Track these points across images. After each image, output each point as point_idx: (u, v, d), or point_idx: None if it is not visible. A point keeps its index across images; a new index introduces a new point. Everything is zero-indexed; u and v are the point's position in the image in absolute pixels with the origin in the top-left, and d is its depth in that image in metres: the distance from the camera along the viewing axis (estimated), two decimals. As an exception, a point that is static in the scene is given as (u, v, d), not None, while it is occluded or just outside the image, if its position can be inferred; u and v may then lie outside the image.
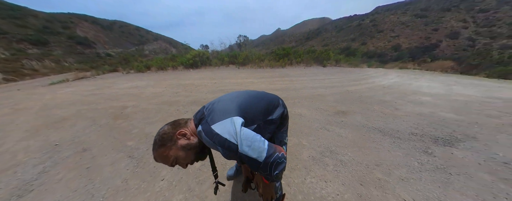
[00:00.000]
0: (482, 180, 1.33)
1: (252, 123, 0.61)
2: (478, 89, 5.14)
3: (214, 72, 7.58)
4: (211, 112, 0.60)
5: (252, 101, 0.66)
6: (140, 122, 2.53)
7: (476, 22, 54.80)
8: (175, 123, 0.64)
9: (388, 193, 1.19)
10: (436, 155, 1.69)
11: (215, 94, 3.87)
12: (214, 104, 0.64)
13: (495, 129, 2.35)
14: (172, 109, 3.03)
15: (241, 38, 25.30)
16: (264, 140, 0.50)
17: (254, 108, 0.64)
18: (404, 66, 15.58)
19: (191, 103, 3.26)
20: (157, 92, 4.26)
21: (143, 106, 3.21)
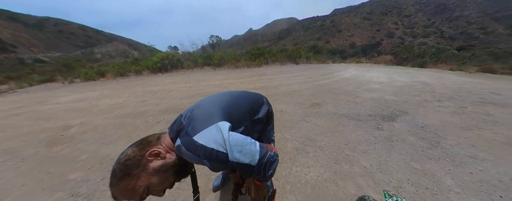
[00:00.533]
0: (410, 142, 1.86)
1: (239, 125, 0.55)
2: (407, 76, 6.85)
3: (188, 75, 7.00)
4: (191, 121, 0.50)
5: (236, 102, 0.61)
6: (91, 144, 1.93)
7: (404, 25, 70.48)
8: (143, 142, 0.49)
9: (354, 165, 1.45)
10: (384, 129, 2.14)
11: (192, 99, 3.54)
12: (194, 111, 0.54)
13: (417, 104, 3.22)
14: (138, 121, 2.53)
15: (213, 39, 24.33)
16: (254, 142, 0.47)
17: (240, 109, 0.59)
18: (359, 60, 18.54)
19: (163, 112, 2.85)
20: (117, 103, 3.51)
21: (96, 123, 2.52)
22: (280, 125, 2.25)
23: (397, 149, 1.70)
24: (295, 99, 3.47)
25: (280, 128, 2.17)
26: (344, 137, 1.93)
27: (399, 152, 1.65)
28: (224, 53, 11.25)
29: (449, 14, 74.62)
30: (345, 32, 75.98)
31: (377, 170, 1.39)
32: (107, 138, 2.07)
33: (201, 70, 8.68)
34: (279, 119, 2.45)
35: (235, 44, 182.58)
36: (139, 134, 2.09)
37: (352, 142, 1.82)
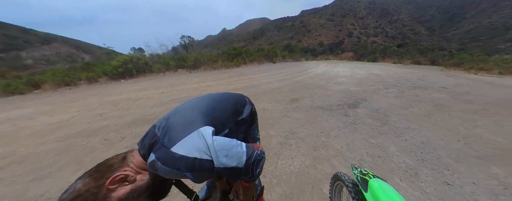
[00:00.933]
0: (369, 123, 2.31)
1: (224, 128, 0.53)
2: (364, 70, 8.15)
3: (159, 80, 6.31)
4: (167, 131, 0.43)
5: (218, 104, 0.58)
6: (13, 183, 1.37)
7: (359, 26, 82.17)
8: (100, 168, 0.38)
9: (329, 149, 1.71)
10: (350, 115, 2.56)
11: (166, 106, 3.16)
12: (170, 119, 0.47)
13: (372, 92, 3.96)
14: (95, 140, 2.00)
15: (185, 39, 22.77)
16: (240, 143, 0.44)
17: (223, 111, 0.56)
18: (327, 57, 20.75)
19: (129, 125, 2.40)
20: (61, 121, 2.70)
21: (25, 152, 1.84)
22: (264, 122, 2.35)
23: (359, 130, 2.08)
24: (275, 96, 3.66)
25: (264, 125, 2.27)
26: (320, 126, 2.21)
27: (361, 132, 2.04)
28: (199, 54, 10.63)
29: (390, 17, 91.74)
30: (313, 32, 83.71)
31: (346, 150, 1.68)
32: (44, 170, 1.52)
33: (175, 73, 8.01)
34: (262, 117, 2.55)
35: (209, 44, 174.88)
36: (96, 157, 1.67)
37: (326, 130, 2.11)
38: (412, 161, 1.51)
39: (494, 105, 3.09)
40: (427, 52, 16.21)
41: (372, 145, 1.76)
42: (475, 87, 4.61)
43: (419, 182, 1.28)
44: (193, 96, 3.80)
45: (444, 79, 5.77)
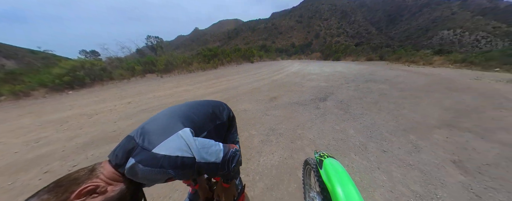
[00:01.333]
0: (335, 113, 2.72)
1: (202, 131, 0.55)
2: (330, 68, 9.25)
3: (122, 88, 5.43)
4: (145, 136, 0.44)
5: (195, 110, 0.60)
6: None
7: (324, 27, 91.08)
8: (60, 183, 0.34)
9: (304, 139, 1.95)
10: (321, 108, 2.95)
11: (134, 119, 2.71)
12: (146, 127, 0.48)
13: (337, 87, 4.60)
14: (28, 176, 1.50)
15: (152, 40, 20.69)
16: (218, 143, 0.49)
17: (200, 115, 0.59)
18: (300, 57, 22.44)
19: (83, 148, 1.93)
20: None
21: None
22: (246, 123, 2.41)
23: (328, 120, 2.44)
24: (255, 96, 3.78)
25: (246, 126, 2.32)
26: (297, 121, 2.46)
27: (329, 121, 2.40)
28: (170, 56, 9.73)
29: (349, 18, 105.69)
30: (285, 33, 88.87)
31: (317, 138, 1.95)
32: None
33: (143, 79, 7.11)
34: (244, 118, 2.60)
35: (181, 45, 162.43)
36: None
37: (301, 123, 2.37)
38: (363, 139, 1.91)
39: (416, 90, 4.11)
40: (377, 49, 19.61)
41: (336, 130, 2.12)
42: (407, 77, 5.95)
43: (367, 153, 1.65)
44: (168, 104, 3.47)
45: (388, 72, 7.18)
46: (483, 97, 3.63)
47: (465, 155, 1.66)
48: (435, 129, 2.19)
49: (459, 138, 1.98)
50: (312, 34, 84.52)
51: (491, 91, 4.11)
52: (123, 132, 2.26)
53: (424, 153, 1.67)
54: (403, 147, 1.76)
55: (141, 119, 2.72)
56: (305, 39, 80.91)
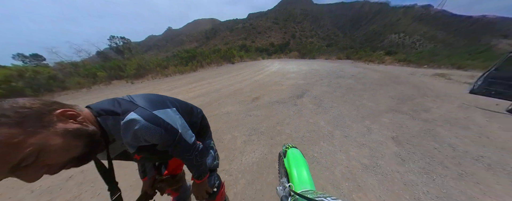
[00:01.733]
0: (310, 108, 3.04)
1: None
2: (307, 66, 10.02)
3: (82, 99, 4.47)
4: (143, 100, 0.50)
5: (179, 101, 0.68)
6: None
7: (299, 29, 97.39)
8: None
9: (282, 135, 2.13)
10: (298, 104, 3.23)
11: None
12: (137, 98, 0.51)
13: (313, 84, 5.11)
14: None
15: (117, 40, 18.41)
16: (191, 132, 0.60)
17: (183, 106, 0.67)
18: (280, 56, 23.46)
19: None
20: None
21: None
22: (229, 126, 2.44)
23: (304, 115, 2.73)
24: (238, 98, 3.82)
25: (229, 129, 2.35)
26: (276, 118, 2.64)
27: (305, 116, 2.68)
28: (141, 60, 8.80)
29: (319, 22, 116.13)
30: (263, 33, 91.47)
31: (293, 132, 2.17)
32: None
33: (108, 87, 6.12)
34: (227, 121, 2.62)
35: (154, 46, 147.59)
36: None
37: (281, 120, 2.56)
38: (331, 128, 2.25)
39: (373, 84, 4.96)
40: (344, 50, 22.39)
41: (310, 123, 2.41)
42: (367, 74, 7.06)
43: (332, 140, 1.96)
44: None
45: (353, 69, 8.34)
46: (415, 88, 4.69)
47: (400, 131, 2.17)
48: (384, 114, 2.76)
49: (398, 119, 2.55)
50: (288, 35, 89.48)
51: (420, 84, 5.33)
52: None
53: (373, 133, 2.10)
54: (359, 131, 2.16)
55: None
56: (283, 39, 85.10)
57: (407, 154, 1.71)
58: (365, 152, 1.73)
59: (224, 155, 1.75)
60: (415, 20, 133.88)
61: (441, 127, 2.36)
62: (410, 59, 13.04)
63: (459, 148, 1.85)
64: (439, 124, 2.43)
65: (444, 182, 1.38)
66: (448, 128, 2.32)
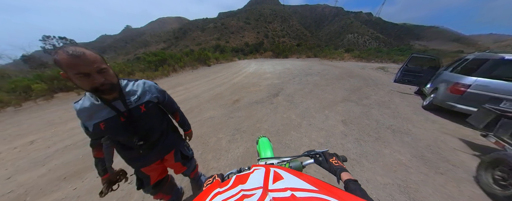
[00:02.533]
0: (284, 104, 3.52)
1: None
2: (281, 66, 10.80)
3: (7, 124, 3.27)
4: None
5: None
6: None
7: (270, 29, 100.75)
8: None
9: (261, 130, 2.48)
10: (274, 103, 3.66)
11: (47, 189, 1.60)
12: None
13: (287, 82, 5.72)
14: None
15: (55, 41, 15.36)
16: None
17: None
18: (255, 56, 24.11)
19: None
20: None
21: None
22: (213, 129, 2.59)
23: (279, 111, 3.17)
24: (218, 102, 3.94)
25: (214, 132, 2.46)
26: (256, 117, 2.96)
27: (280, 112, 3.12)
28: None
29: (288, 23, 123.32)
30: (237, 33, 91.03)
31: (270, 127, 2.55)
32: None
33: (50, 102, 4.75)
34: (210, 125, 2.69)
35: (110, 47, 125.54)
36: None
37: (260, 118, 2.91)
38: (300, 120, 2.75)
39: (334, 79, 5.99)
40: (312, 49, 24.88)
41: (284, 118, 2.86)
42: (330, 70, 8.30)
43: (300, 129, 2.45)
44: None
45: (319, 67, 9.59)
46: (363, 80, 5.94)
47: (347, 115, 2.88)
48: (339, 103, 3.52)
49: (348, 106, 3.33)
50: (262, 34, 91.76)
51: (367, 76, 6.74)
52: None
53: (330, 119, 2.73)
54: (320, 119, 2.75)
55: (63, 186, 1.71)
56: (257, 39, 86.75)
57: (349, 131, 2.36)
58: (322, 134, 2.28)
59: (211, 155, 1.94)
60: (363, 23, 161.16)
61: (374, 108, 3.23)
62: (362, 55, 15.83)
63: (381, 121, 2.65)
64: (373, 107, 3.32)
65: (366, 145, 2.04)
66: (378, 109, 3.21)
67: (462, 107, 2.55)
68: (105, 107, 0.70)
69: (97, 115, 0.69)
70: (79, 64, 0.55)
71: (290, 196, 0.27)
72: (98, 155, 0.82)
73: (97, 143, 0.79)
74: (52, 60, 0.55)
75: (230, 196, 0.30)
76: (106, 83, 0.62)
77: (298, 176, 0.35)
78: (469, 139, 2.21)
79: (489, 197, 1.33)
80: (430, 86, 3.75)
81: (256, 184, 0.33)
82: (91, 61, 0.56)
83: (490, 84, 2.36)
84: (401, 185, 1.45)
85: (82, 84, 0.58)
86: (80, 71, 0.55)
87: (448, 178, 1.54)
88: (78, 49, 0.55)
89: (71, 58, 0.53)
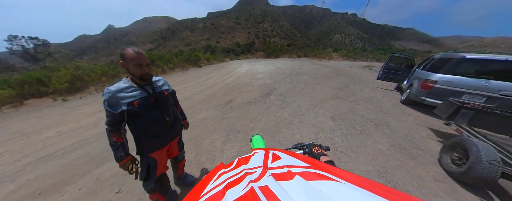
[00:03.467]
0: (276, 104, 3.65)
1: None
2: (272, 66, 10.99)
3: None
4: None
5: None
6: None
7: (261, 29, 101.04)
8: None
9: (255, 129, 2.57)
10: (267, 102, 3.78)
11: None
12: None
13: (279, 82, 5.89)
14: None
15: (25, 42, 14.13)
16: None
17: None
18: (247, 56, 24.14)
19: None
20: None
21: None
22: (207, 131, 2.60)
23: (272, 110, 3.28)
24: (211, 103, 3.94)
25: (207, 133, 2.47)
26: (250, 117, 3.04)
27: (272, 111, 3.24)
28: (76, 68, 7.05)
29: (278, 23, 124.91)
30: (227, 33, 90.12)
31: (264, 125, 2.66)
32: None
33: (19, 110, 4.29)
34: (204, 127, 2.69)
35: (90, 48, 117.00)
36: None
37: (253, 118, 2.99)
38: (292, 118, 2.90)
39: (324, 78, 6.29)
40: (302, 49, 25.57)
41: (276, 117, 2.98)
42: (320, 69, 8.67)
43: (292, 126, 2.59)
44: (95, 137, 2.51)
45: (310, 66, 9.94)
46: (350, 78, 6.32)
47: (336, 112, 3.10)
48: (328, 100, 3.75)
49: (336, 103, 3.57)
50: (252, 35, 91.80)
51: (354, 74, 7.18)
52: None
53: (319, 116, 2.92)
54: (310, 116, 2.93)
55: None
56: (248, 39, 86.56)
57: (337, 126, 2.56)
58: (313, 130, 2.44)
59: (206, 157, 1.95)
60: (349, 24, 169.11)
61: (359, 104, 3.51)
62: (349, 55, 16.68)
63: (365, 116, 2.90)
64: (358, 103, 3.60)
65: (352, 137, 2.24)
66: (363, 105, 3.49)
67: (431, 101, 2.89)
68: (138, 89, 0.92)
69: (132, 95, 0.89)
70: (139, 58, 0.84)
71: (286, 172, 0.31)
72: (118, 140, 0.92)
73: (116, 129, 0.91)
74: (119, 53, 0.84)
75: (234, 174, 0.34)
76: (149, 73, 0.91)
77: (294, 156, 0.39)
78: (436, 128, 2.52)
79: (448, 175, 1.58)
80: (406, 82, 4.15)
81: (257, 164, 0.38)
82: (145, 57, 0.87)
83: (453, 79, 2.71)
84: (380, 171, 1.64)
85: (135, 71, 0.86)
86: (138, 62, 0.85)
87: (418, 162, 1.77)
88: (139, 49, 0.86)
89: (136, 54, 0.83)
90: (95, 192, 1.52)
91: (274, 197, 0.24)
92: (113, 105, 0.85)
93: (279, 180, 0.29)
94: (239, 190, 0.28)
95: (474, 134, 1.67)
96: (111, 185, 1.59)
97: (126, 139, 0.96)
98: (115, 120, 0.88)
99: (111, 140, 0.91)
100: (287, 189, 0.26)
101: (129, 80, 0.92)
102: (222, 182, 0.33)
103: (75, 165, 1.92)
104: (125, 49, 0.83)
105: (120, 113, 0.86)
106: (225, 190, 0.30)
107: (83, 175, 1.75)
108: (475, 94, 2.56)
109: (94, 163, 1.94)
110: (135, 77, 0.89)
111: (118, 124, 0.91)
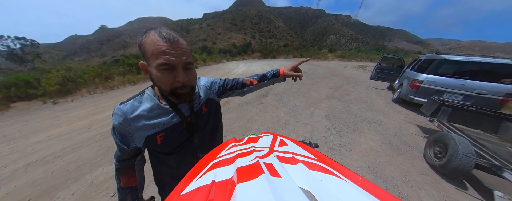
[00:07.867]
0: (273, 104, 3.72)
1: None
2: (269, 66, 11.11)
3: None
4: None
5: None
6: None
7: (257, 30, 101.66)
8: None
9: (252, 129, 2.61)
10: (263, 103, 3.84)
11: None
12: None
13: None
14: None
15: (12, 42, 13.72)
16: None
17: None
18: (243, 58, 24.21)
19: None
20: None
21: None
22: None
23: (268, 110, 3.35)
24: None
25: None
26: (246, 117, 3.07)
27: (268, 111, 3.30)
28: (67, 70, 6.89)
29: (274, 24, 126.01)
30: (223, 34, 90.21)
31: (260, 125, 2.71)
32: None
33: (6, 114, 4.13)
34: None
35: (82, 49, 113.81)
36: None
37: (250, 118, 3.03)
38: (288, 117, 2.97)
39: (319, 78, 6.43)
40: (298, 49, 25.90)
41: (273, 116, 3.04)
42: (316, 70, 8.84)
43: (288, 125, 2.66)
44: (90, 138, 2.51)
45: (305, 67, 10.10)
46: (345, 78, 6.50)
47: (330, 111, 3.20)
48: (323, 100, 3.87)
49: (331, 103, 3.68)
50: (249, 36, 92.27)
51: (348, 74, 7.38)
52: None
53: (315, 116, 3.01)
54: (306, 116, 3.01)
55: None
56: (244, 40, 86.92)
57: (331, 125, 2.65)
58: (308, 129, 2.53)
59: None
60: (343, 25, 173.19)
61: (353, 104, 3.64)
62: (344, 55, 17.08)
63: (358, 115, 3.02)
64: (352, 102, 3.73)
65: (346, 136, 2.33)
66: (356, 104, 3.62)
67: (418, 99, 3.05)
68: (167, 112, 0.51)
69: (155, 123, 0.49)
70: (170, 51, 0.40)
71: (291, 157, 0.31)
72: (130, 183, 0.58)
73: (128, 166, 0.57)
74: (138, 42, 0.43)
75: (243, 148, 0.37)
76: (187, 85, 0.45)
77: (300, 145, 0.39)
78: (423, 125, 2.66)
79: (431, 168, 1.69)
80: (397, 82, 4.34)
81: (264, 144, 0.40)
82: (183, 51, 0.43)
83: (436, 79, 2.89)
84: (371, 167, 1.74)
85: (163, 82, 0.43)
86: (168, 60, 0.41)
87: (406, 157, 1.88)
88: (172, 33, 0.43)
89: (165, 41, 0.40)
90: (89, 196, 1.49)
91: (276, 173, 0.25)
92: (124, 135, 0.50)
93: (283, 162, 0.30)
94: (247, 161, 0.30)
95: (453, 130, 1.80)
96: (105, 188, 1.57)
97: (142, 178, 0.62)
98: (126, 156, 0.56)
99: (119, 184, 0.57)
100: (289, 171, 0.27)
101: (155, 92, 0.53)
102: (233, 152, 0.37)
103: (68, 170, 1.87)
104: (148, 32, 0.43)
105: (134, 149, 0.53)
106: (236, 157, 0.33)
107: (76, 180, 1.70)
108: (454, 93, 2.75)
109: (87, 167, 1.89)
110: (165, 91, 0.46)
111: (131, 160, 0.57)
